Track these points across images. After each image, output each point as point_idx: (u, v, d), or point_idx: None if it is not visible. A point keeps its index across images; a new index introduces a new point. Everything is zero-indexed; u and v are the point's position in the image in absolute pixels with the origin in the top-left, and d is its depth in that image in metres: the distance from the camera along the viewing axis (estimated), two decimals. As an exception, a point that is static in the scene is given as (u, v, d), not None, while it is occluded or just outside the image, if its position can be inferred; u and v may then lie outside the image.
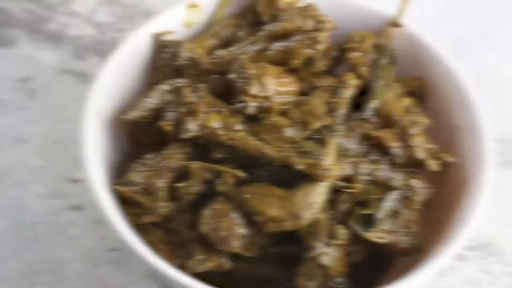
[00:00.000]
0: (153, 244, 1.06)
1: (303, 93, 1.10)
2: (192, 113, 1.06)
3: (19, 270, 1.08)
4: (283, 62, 1.09)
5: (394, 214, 1.06)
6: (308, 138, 1.06)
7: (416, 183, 1.07)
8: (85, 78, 1.24)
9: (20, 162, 1.16)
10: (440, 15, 1.35)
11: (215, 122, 1.06)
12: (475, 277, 1.12)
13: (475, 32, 1.32)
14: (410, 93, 1.14)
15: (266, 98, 1.06)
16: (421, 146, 1.09)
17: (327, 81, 1.10)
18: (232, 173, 1.05)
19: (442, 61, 1.14)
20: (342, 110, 1.08)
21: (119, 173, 1.08)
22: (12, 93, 1.20)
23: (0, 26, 1.26)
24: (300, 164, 1.03)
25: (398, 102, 1.11)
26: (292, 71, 1.10)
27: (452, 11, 1.34)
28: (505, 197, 1.17)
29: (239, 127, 1.06)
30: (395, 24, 1.16)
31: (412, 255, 1.07)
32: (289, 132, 1.06)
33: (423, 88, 1.16)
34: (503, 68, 1.29)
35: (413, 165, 1.09)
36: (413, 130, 1.09)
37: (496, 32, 1.31)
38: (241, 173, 1.05)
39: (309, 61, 1.11)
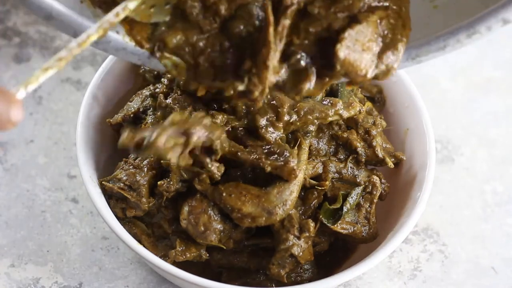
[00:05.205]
0: (137, 236, 0.91)
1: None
2: (167, 115, 0.90)
3: (34, 249, 0.98)
4: None
5: (357, 207, 0.91)
6: (281, 139, 0.90)
7: (376, 179, 0.92)
8: (80, 85, 1.12)
9: (30, 159, 1.05)
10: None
11: None
12: (417, 256, 1.00)
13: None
14: (370, 99, 1.00)
15: None
16: (380, 146, 0.95)
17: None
18: (208, 173, 0.88)
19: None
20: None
21: (110, 170, 0.95)
22: (25, 101, 1.09)
23: (20, 46, 1.13)
24: (269, 167, 0.87)
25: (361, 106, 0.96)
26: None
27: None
28: (440, 188, 1.05)
29: None
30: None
31: (369, 242, 0.93)
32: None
33: (381, 94, 1.01)
34: (440, 80, 1.15)
35: (373, 163, 0.95)
36: (374, 132, 0.94)
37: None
38: (216, 173, 0.88)
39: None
